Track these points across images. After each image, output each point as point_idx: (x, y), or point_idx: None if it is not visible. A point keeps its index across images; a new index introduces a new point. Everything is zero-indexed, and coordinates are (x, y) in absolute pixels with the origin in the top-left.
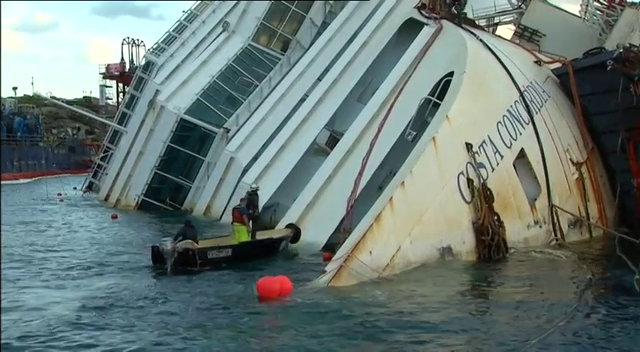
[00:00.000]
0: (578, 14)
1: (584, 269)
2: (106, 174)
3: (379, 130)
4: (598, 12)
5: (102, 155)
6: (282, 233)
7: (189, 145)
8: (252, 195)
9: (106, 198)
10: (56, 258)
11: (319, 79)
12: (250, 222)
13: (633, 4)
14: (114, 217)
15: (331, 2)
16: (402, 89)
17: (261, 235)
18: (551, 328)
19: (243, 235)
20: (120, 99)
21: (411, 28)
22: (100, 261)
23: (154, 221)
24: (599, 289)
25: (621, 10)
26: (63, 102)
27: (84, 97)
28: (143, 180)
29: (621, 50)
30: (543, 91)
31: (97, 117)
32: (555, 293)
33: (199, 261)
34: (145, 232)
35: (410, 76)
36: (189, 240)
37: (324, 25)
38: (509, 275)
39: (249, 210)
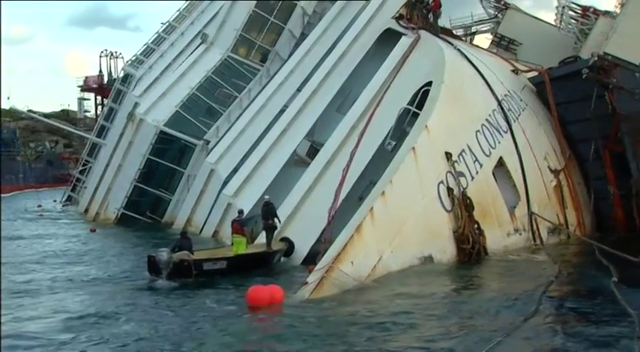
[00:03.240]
0: (554, 23)
1: (557, 268)
2: (85, 187)
3: (359, 140)
4: (573, 21)
5: (80, 168)
6: (277, 246)
7: (168, 157)
8: (268, 205)
9: (85, 212)
10: (35, 272)
11: (299, 90)
12: (267, 231)
13: (607, 13)
14: (92, 230)
15: (309, 14)
16: (381, 99)
17: (255, 248)
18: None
19: (241, 247)
20: (98, 112)
21: (389, 38)
22: (81, 275)
23: (134, 234)
24: (571, 286)
25: (595, 19)
26: (40, 115)
27: (62, 110)
28: (122, 193)
29: (596, 59)
30: (521, 100)
31: (75, 131)
32: (527, 290)
33: (194, 272)
34: (125, 245)
35: (389, 86)
36: (185, 251)
37: (303, 36)
38: (487, 275)
39: (267, 220)
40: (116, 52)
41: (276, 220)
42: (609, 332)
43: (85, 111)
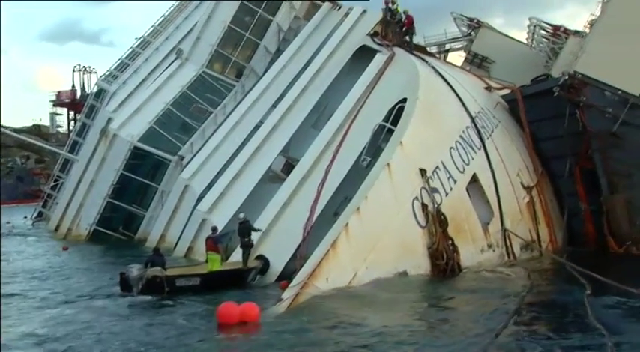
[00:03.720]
0: (526, 42)
1: (530, 283)
2: (57, 203)
3: (334, 156)
4: (544, 40)
5: (52, 184)
6: (252, 264)
7: (142, 173)
8: (244, 223)
9: (57, 229)
10: (3, 291)
11: (274, 106)
12: (244, 249)
13: (577, 33)
14: (64, 249)
15: (285, 30)
16: (356, 115)
17: (230, 265)
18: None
19: (215, 264)
20: (71, 127)
21: (364, 55)
22: (51, 293)
23: (106, 251)
24: (543, 302)
25: (566, 38)
26: (11, 130)
27: (33, 125)
28: (95, 209)
29: (566, 77)
30: (494, 117)
31: (46, 146)
32: (500, 306)
33: (167, 289)
34: (97, 262)
35: (364, 103)
36: (158, 268)
37: (278, 52)
38: (460, 290)
39: (243, 238)
40: (89, 67)
41: (252, 237)
42: (580, 347)
43: (58, 126)
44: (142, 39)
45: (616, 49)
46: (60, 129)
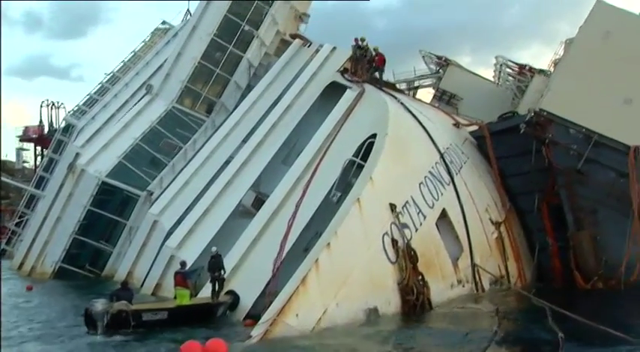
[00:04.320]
0: (493, 80)
1: (499, 320)
2: (21, 240)
3: (304, 192)
4: (510, 78)
5: (17, 221)
6: (222, 299)
7: (110, 209)
8: (216, 258)
9: (20, 266)
10: None
11: (244, 141)
12: (216, 283)
13: (542, 71)
14: (28, 288)
15: (255, 66)
16: (326, 151)
17: (199, 300)
18: None
19: (184, 299)
20: (38, 163)
21: (334, 91)
22: (13, 335)
23: (72, 288)
24: (512, 339)
25: (531, 76)
26: None
27: None
28: (60, 246)
29: (532, 114)
30: (462, 153)
31: (11, 182)
32: (470, 343)
33: (133, 324)
34: (62, 299)
35: (334, 138)
36: (124, 302)
37: (249, 87)
38: (430, 327)
39: (214, 272)
40: (58, 102)
41: (222, 273)
42: None
43: (24, 161)
44: (111, 74)
45: (579, 87)
46: (26, 165)
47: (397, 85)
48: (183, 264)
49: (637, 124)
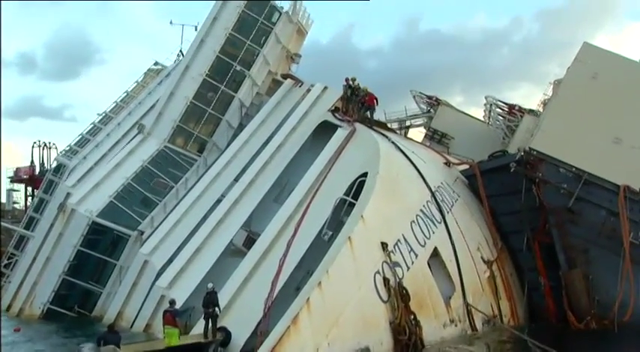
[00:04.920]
0: (483, 119)
1: None
2: (9, 282)
3: (296, 230)
4: (500, 117)
5: (5, 262)
6: (212, 337)
7: (101, 249)
8: (211, 294)
9: (8, 308)
10: None
11: (236, 180)
12: (210, 320)
13: (531, 111)
14: (16, 330)
15: (247, 106)
16: (317, 190)
17: (190, 339)
18: None
19: (174, 339)
20: (28, 204)
21: (325, 130)
22: None
23: (59, 331)
24: None
25: (521, 116)
26: None
27: None
28: (50, 287)
29: (522, 154)
30: (453, 192)
31: (1, 223)
32: None
33: None
34: (50, 342)
35: (325, 177)
36: (112, 346)
37: (241, 127)
38: None
39: (208, 308)
40: (49, 143)
41: (217, 309)
42: None
43: (14, 202)
44: (103, 114)
45: (569, 127)
46: (16, 206)
47: (389, 125)
48: (172, 302)
49: (626, 164)
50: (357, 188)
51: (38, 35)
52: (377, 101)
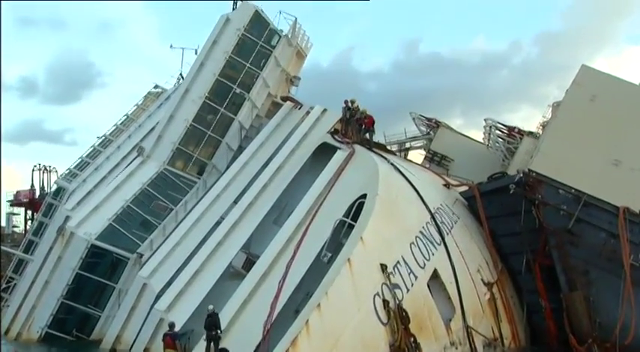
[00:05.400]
0: (483, 141)
1: None
2: (8, 306)
3: (295, 252)
4: (500, 139)
5: (4, 286)
6: None
7: (99, 272)
8: (212, 317)
9: (7, 332)
10: None
11: (235, 202)
12: (212, 342)
13: (530, 133)
14: None
15: (246, 128)
16: (317, 211)
17: None
18: None
19: None
20: (28, 227)
21: (324, 152)
22: None
23: None
24: None
25: (520, 138)
26: None
27: None
28: (48, 310)
29: (521, 175)
30: (453, 213)
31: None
32: None
33: None
34: None
35: (324, 199)
36: None
37: (240, 149)
38: None
39: (210, 331)
40: (50, 166)
41: (219, 331)
42: None
43: (14, 226)
44: (103, 137)
45: (568, 149)
46: (16, 230)
47: (389, 147)
48: (172, 325)
49: (626, 186)
50: (356, 209)
51: (40, 59)
52: (374, 122)
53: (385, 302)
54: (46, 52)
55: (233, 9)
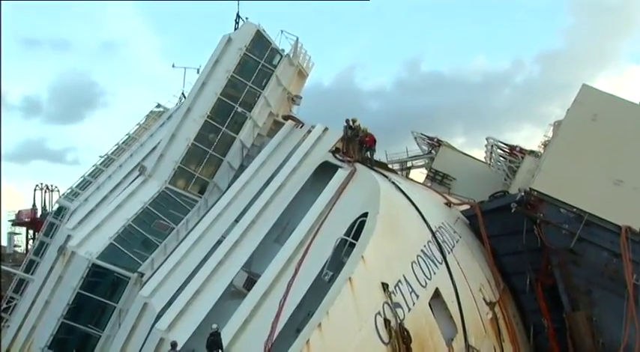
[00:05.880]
0: (484, 160)
1: None
2: (8, 326)
3: (296, 271)
4: (501, 158)
5: (4, 306)
6: None
7: (100, 292)
8: (215, 336)
9: None
10: None
11: (237, 221)
12: None
13: (532, 152)
14: None
15: (248, 147)
16: (318, 230)
17: None
18: None
19: None
20: (29, 247)
21: (326, 170)
22: None
23: None
24: None
25: (522, 157)
26: None
27: None
28: (48, 330)
29: (523, 194)
30: (454, 232)
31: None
32: None
33: None
34: None
35: (326, 217)
36: None
37: (242, 168)
38: None
39: (212, 350)
40: (52, 186)
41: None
42: None
43: (15, 246)
44: (105, 156)
45: (570, 168)
46: (18, 249)
47: (390, 165)
48: (174, 344)
49: (628, 205)
50: (357, 228)
51: (43, 78)
52: (375, 141)
53: (386, 322)
54: (49, 71)
55: (235, 29)
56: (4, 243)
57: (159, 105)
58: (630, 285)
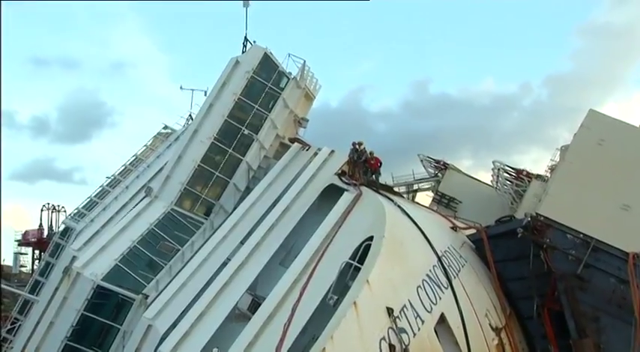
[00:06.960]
0: (491, 184)
1: None
2: (12, 347)
3: (301, 294)
4: (508, 182)
5: (9, 327)
6: None
7: (104, 313)
8: None
9: None
10: None
11: (242, 243)
12: None
13: (539, 176)
14: None
15: (254, 169)
16: (323, 253)
17: None
18: None
19: None
20: (35, 267)
21: (331, 193)
22: None
23: None
24: None
25: (529, 181)
26: None
27: None
28: None
29: (529, 219)
30: (460, 256)
31: (6, 287)
32: None
33: None
34: None
35: (331, 241)
36: None
37: (248, 190)
38: None
39: None
40: (58, 206)
41: None
42: None
43: (21, 266)
44: (112, 177)
45: (577, 193)
46: (23, 269)
47: (396, 188)
48: None
49: (635, 231)
50: (362, 252)
51: (52, 98)
52: (380, 164)
53: (391, 347)
54: (58, 91)
55: (242, 51)
56: (10, 262)
57: (166, 127)
58: (638, 312)
